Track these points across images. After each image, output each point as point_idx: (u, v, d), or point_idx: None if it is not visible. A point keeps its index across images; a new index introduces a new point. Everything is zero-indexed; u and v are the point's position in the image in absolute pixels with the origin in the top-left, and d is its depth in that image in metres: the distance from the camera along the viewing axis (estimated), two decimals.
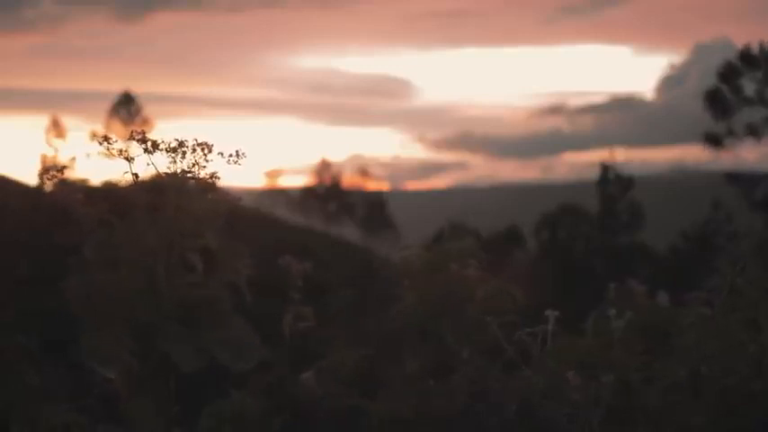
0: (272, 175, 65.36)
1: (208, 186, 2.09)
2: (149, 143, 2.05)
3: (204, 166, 2.08)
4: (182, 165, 2.07)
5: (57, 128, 49.57)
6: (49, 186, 2.13)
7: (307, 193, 63.43)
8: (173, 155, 2.07)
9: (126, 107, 50.27)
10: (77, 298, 2.04)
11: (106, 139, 2.05)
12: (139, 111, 50.56)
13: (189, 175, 2.07)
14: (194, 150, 2.08)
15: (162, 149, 2.06)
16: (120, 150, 2.06)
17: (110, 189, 2.13)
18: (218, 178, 2.10)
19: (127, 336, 2.04)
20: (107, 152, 2.05)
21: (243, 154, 2.09)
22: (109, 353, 2.01)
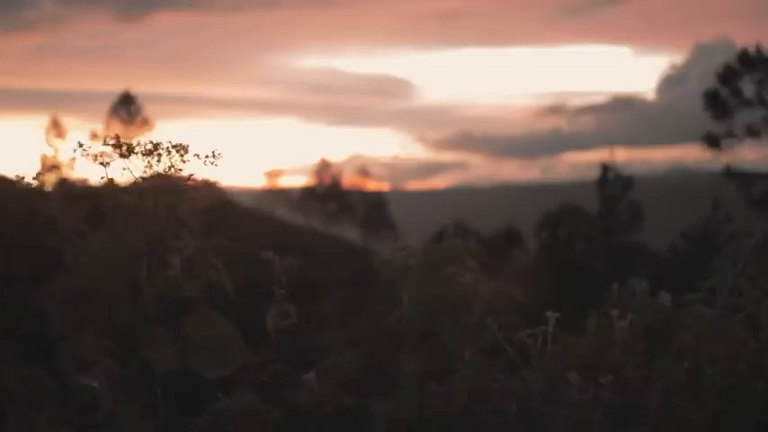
0: (272, 175, 65.46)
1: (186, 187, 2.08)
2: (124, 147, 2.05)
3: (180, 169, 2.07)
4: (158, 167, 2.07)
5: (57, 128, 49.62)
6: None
7: (307, 193, 63.47)
8: (148, 158, 2.06)
9: (126, 107, 50.30)
10: (58, 303, 2.02)
11: (80, 144, 2.05)
12: (139, 111, 50.61)
13: (166, 176, 2.07)
14: (170, 153, 2.07)
15: (137, 153, 2.06)
16: (96, 155, 2.05)
17: (90, 192, 2.12)
18: (195, 180, 2.09)
19: (108, 339, 2.02)
20: (83, 157, 2.05)
21: (219, 154, 2.09)
22: (90, 358, 1.99)
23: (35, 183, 2.10)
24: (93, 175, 2.10)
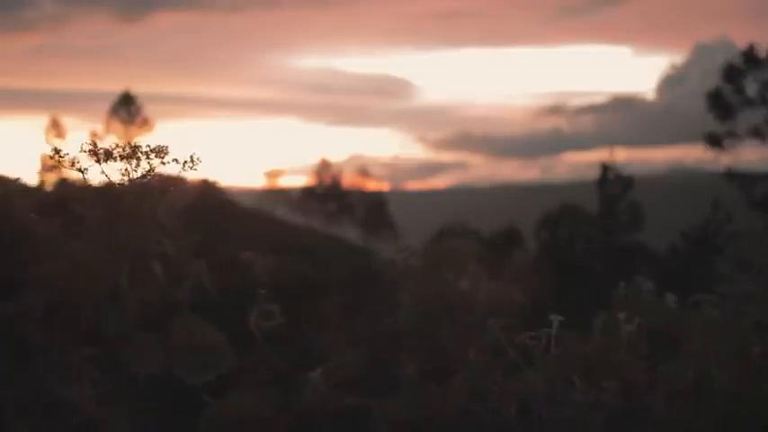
0: (272, 175, 65.52)
1: (165, 189, 2.08)
2: (102, 152, 2.03)
3: (160, 174, 2.07)
4: (137, 172, 2.06)
5: (57, 128, 49.71)
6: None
7: (307, 193, 63.49)
8: (127, 162, 2.05)
9: (126, 107, 50.34)
10: (38, 311, 2.00)
11: (57, 151, 2.04)
12: (139, 111, 50.63)
13: (145, 180, 2.06)
14: (149, 156, 2.06)
15: (116, 157, 2.05)
16: (72, 162, 2.04)
17: (68, 198, 2.11)
18: (175, 182, 2.09)
19: (91, 347, 2.01)
20: (59, 164, 2.04)
21: (198, 159, 2.08)
22: (74, 366, 1.98)
23: (18, 186, 2.09)
24: (93, 175, 2.09)
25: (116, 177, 2.07)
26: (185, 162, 2.07)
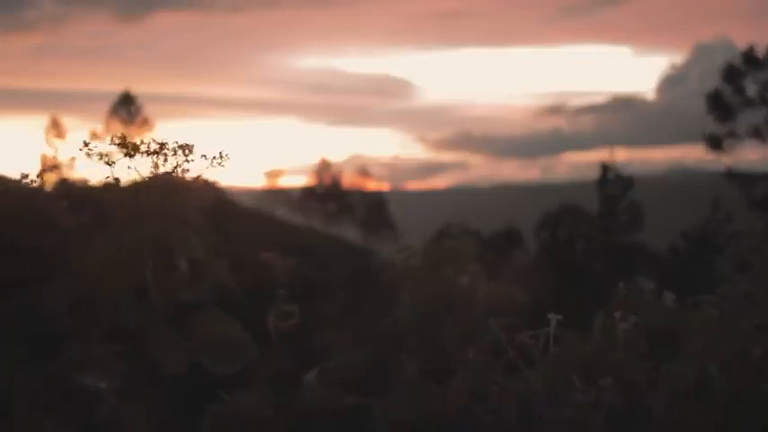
0: (272, 175, 65.53)
1: (191, 187, 2.08)
2: (130, 146, 2.04)
3: (187, 170, 2.07)
4: (163, 167, 2.06)
5: (57, 128, 49.72)
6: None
7: (307, 193, 63.51)
8: (154, 157, 2.06)
9: (126, 107, 50.34)
10: (63, 304, 2.01)
11: (86, 144, 2.04)
12: (139, 111, 50.64)
13: (172, 176, 2.06)
14: (175, 152, 2.07)
15: (143, 152, 2.05)
16: (101, 154, 2.04)
17: (95, 193, 2.11)
18: (200, 180, 2.09)
19: (115, 341, 2.02)
20: (88, 156, 2.04)
21: (226, 156, 2.08)
22: (97, 360, 1.99)
23: (37, 182, 2.09)
24: (93, 175, 2.09)
25: (134, 174, 2.07)
26: (213, 159, 2.08)
